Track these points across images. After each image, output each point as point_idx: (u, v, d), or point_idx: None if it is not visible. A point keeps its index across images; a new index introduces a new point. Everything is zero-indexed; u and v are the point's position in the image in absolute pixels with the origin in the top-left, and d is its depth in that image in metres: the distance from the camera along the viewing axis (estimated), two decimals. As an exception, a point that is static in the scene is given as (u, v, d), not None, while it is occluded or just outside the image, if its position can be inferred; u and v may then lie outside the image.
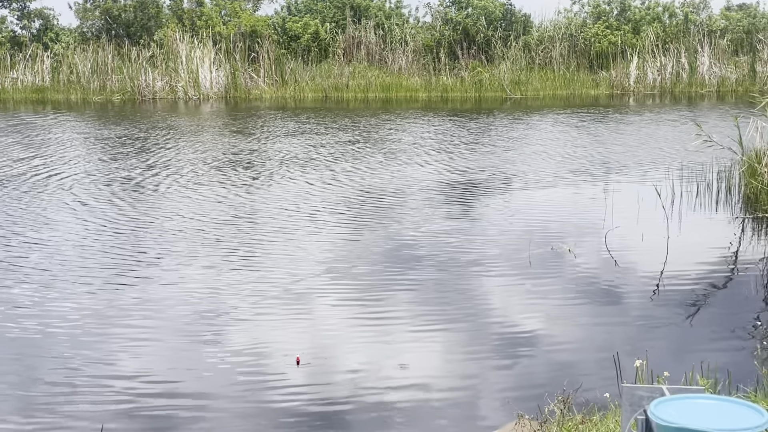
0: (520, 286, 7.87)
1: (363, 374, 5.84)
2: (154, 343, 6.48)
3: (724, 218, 10.70)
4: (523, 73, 32.17)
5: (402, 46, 33.54)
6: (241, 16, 34.47)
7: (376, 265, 8.50)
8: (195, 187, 12.88)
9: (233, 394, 5.54)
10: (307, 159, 15.58)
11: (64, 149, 17.20)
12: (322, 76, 32.40)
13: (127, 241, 9.53)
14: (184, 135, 19.69)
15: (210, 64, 31.49)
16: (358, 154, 16.17)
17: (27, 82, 32.97)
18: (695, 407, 2.87)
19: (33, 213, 11.05)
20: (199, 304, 7.30)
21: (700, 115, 22.73)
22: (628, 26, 34.28)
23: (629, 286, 7.84)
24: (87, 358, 6.14)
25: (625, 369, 5.52)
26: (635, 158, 15.42)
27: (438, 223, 10.36)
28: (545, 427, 4.60)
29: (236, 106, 28.32)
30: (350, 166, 14.72)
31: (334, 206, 11.38)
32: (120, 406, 5.35)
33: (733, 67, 33.05)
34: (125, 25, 35.33)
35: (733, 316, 7.01)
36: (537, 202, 11.77)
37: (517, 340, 6.50)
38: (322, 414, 5.26)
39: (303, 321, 6.97)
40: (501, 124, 21.60)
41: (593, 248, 9.08)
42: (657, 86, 32.26)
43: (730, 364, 5.67)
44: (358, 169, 14.47)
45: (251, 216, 10.87)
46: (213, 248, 9.21)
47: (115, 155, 16.34)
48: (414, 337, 6.53)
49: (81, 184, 13.18)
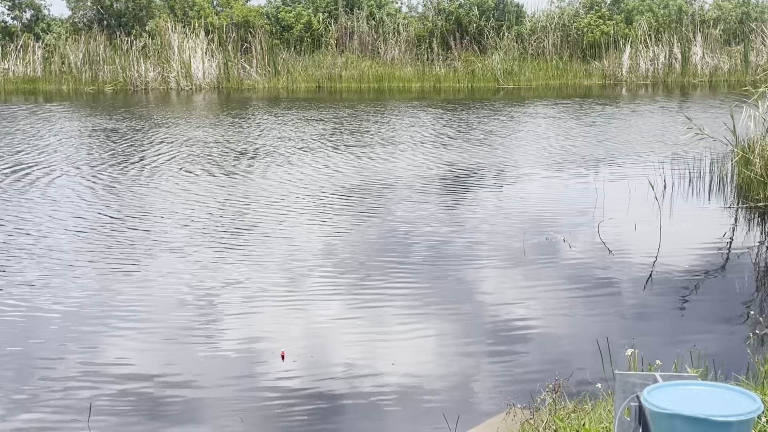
0: (515, 275, 7.86)
1: (355, 364, 5.83)
2: (147, 333, 6.46)
3: (716, 207, 10.71)
4: (516, 63, 32.15)
5: (395, 37, 33.48)
6: (234, 7, 34.35)
7: (369, 254, 8.48)
8: (187, 177, 12.83)
9: (226, 384, 5.52)
10: (300, 149, 15.54)
11: (56, 140, 17.12)
12: (315, 66, 32.33)
13: (120, 232, 9.49)
14: (177, 126, 19.62)
15: (202, 54, 31.38)
16: (351, 145, 16.14)
17: (18, 72, 32.83)
18: (688, 393, 2.86)
19: (24, 203, 11.00)
20: (192, 294, 7.27)
21: (693, 105, 22.75)
22: (621, 16, 34.26)
23: (622, 275, 7.84)
24: (80, 347, 6.11)
25: (618, 358, 5.52)
26: (628, 148, 15.42)
27: (432, 213, 10.34)
28: (537, 416, 4.59)
29: (229, 97, 28.24)
30: (343, 157, 14.68)
31: (327, 197, 11.36)
32: (111, 395, 5.33)
33: (725, 56, 33.07)
34: (117, 16, 35.18)
35: (726, 305, 7.02)
36: (530, 192, 11.76)
37: (510, 329, 6.49)
38: (314, 403, 5.25)
39: (297, 310, 6.95)
40: (494, 115, 21.58)
41: (587, 238, 9.08)
42: (649, 76, 32.27)
43: (722, 352, 5.68)
44: (351, 159, 14.45)
45: (243, 207, 10.84)
46: (206, 238, 9.18)
47: (107, 146, 16.28)
48: (407, 327, 6.51)
49: (73, 174, 13.12)
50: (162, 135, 17.78)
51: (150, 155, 14.98)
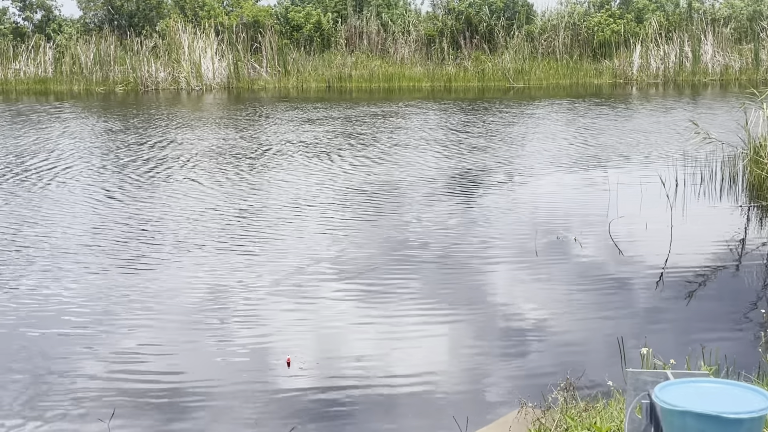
0: (526, 275, 7.87)
1: (367, 363, 5.85)
2: (159, 333, 6.49)
3: (728, 207, 10.69)
4: (526, 63, 32.12)
5: (404, 36, 33.49)
6: (244, 6, 34.42)
7: (381, 253, 8.51)
8: (199, 177, 12.88)
9: (240, 385, 5.55)
10: (312, 149, 15.58)
11: (69, 140, 17.21)
12: (325, 66, 32.37)
13: (132, 232, 9.54)
14: (188, 126, 19.68)
15: (212, 54, 31.46)
16: (362, 145, 16.16)
17: (30, 73, 32.98)
18: (699, 391, 2.88)
19: (38, 202, 11.06)
20: (203, 294, 7.31)
21: (703, 104, 22.68)
22: (631, 15, 34.18)
23: (634, 274, 7.84)
24: (91, 346, 6.15)
25: (630, 356, 5.53)
26: (638, 147, 15.40)
27: (443, 213, 10.36)
28: (548, 415, 4.60)
29: (239, 97, 28.29)
30: (354, 157, 14.71)
31: (339, 197, 11.38)
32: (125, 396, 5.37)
33: (736, 55, 32.94)
34: (128, 16, 35.30)
35: (737, 304, 7.01)
36: (541, 192, 11.76)
37: (521, 328, 6.51)
38: (326, 402, 5.27)
39: (308, 309, 6.97)
40: (504, 114, 21.57)
41: (598, 237, 9.08)
42: (660, 75, 32.19)
43: (734, 351, 5.67)
44: (362, 159, 14.47)
45: (255, 206, 10.87)
46: (217, 239, 9.21)
47: (119, 146, 16.34)
48: (419, 327, 6.53)
49: (86, 174, 13.19)
50: (173, 135, 17.83)
51: (160, 156, 15.03)
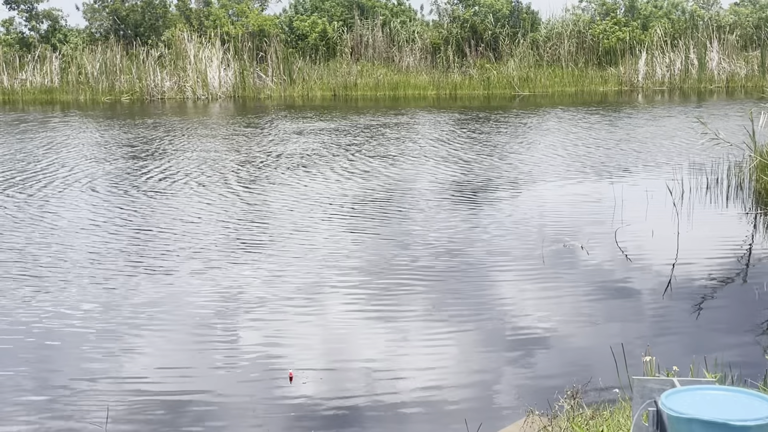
0: (534, 282, 7.86)
1: (375, 370, 5.84)
2: (167, 339, 6.49)
3: (734, 213, 10.66)
4: (532, 70, 32.14)
5: (409, 44, 33.54)
6: (249, 16, 34.52)
7: (389, 262, 8.50)
8: (207, 186, 12.90)
9: (245, 390, 5.54)
10: (319, 157, 15.59)
11: (75, 149, 17.26)
12: (331, 74, 32.43)
13: (140, 240, 9.55)
14: (194, 135, 19.73)
15: (218, 63, 31.56)
16: (369, 152, 16.17)
17: (36, 83, 33.12)
18: (706, 398, 2.86)
19: (46, 211, 11.08)
20: (212, 301, 7.31)
21: (710, 111, 22.65)
22: (637, 23, 34.19)
23: (640, 282, 7.82)
24: (99, 352, 6.15)
25: (636, 364, 5.50)
26: (645, 154, 15.38)
27: (450, 221, 10.35)
28: (555, 423, 4.59)
29: (245, 106, 28.36)
30: (361, 164, 14.72)
31: (346, 204, 11.38)
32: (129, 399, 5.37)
33: (742, 62, 32.93)
34: (133, 26, 35.42)
35: (744, 311, 6.98)
36: (548, 199, 11.74)
37: (528, 336, 6.49)
38: (335, 409, 5.26)
39: (317, 317, 6.96)
40: (510, 122, 21.57)
41: (605, 245, 9.06)
42: (666, 82, 32.18)
43: (740, 359, 5.66)
44: (369, 167, 14.47)
45: (263, 214, 10.88)
46: (225, 246, 9.22)
47: (126, 155, 16.38)
48: (427, 334, 6.52)
49: (94, 183, 13.21)
50: (179, 144, 17.87)
51: (166, 165, 15.06)
